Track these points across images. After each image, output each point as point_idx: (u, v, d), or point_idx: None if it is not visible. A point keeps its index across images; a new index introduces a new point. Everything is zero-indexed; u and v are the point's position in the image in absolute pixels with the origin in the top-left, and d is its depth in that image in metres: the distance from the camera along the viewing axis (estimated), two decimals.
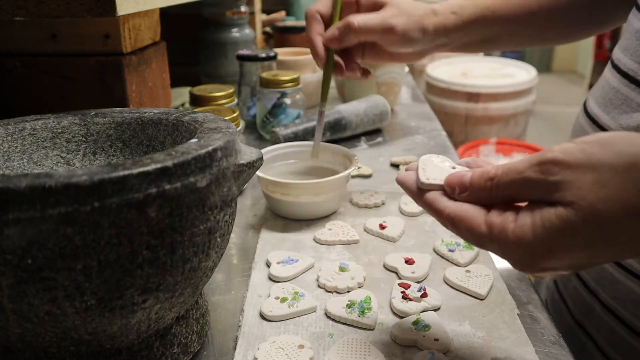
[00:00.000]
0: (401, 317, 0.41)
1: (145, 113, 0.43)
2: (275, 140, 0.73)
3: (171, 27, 0.71)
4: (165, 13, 0.65)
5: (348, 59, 0.59)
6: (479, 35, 0.60)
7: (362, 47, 0.60)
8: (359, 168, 0.70)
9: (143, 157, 0.29)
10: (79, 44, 0.54)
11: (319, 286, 0.46)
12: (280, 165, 0.64)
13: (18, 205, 0.25)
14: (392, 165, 0.72)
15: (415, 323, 0.40)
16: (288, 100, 0.78)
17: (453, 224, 0.31)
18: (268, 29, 1.30)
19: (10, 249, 0.25)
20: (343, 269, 0.47)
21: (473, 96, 2.21)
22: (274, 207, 0.58)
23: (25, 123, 0.41)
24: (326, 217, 0.58)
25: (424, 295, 0.43)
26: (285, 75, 0.77)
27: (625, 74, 0.47)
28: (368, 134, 0.84)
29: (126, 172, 0.26)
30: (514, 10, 0.58)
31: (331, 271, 0.47)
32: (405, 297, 0.43)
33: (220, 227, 0.33)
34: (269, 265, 0.48)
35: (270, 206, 0.59)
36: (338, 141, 0.79)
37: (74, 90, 0.55)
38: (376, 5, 0.57)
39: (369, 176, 0.69)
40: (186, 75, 0.98)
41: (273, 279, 0.47)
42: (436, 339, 0.38)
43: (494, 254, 0.31)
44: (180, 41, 0.82)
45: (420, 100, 1.06)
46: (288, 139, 0.73)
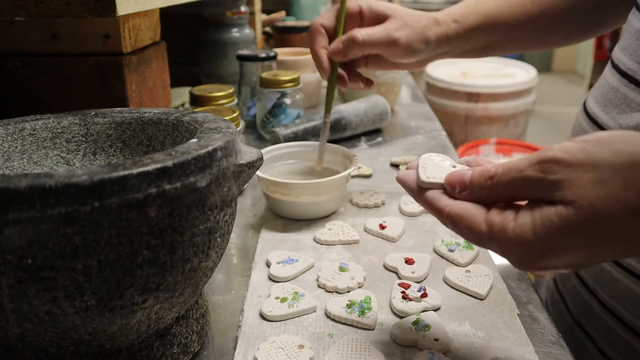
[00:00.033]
0: (401, 317, 0.41)
1: (145, 113, 0.43)
2: (275, 140, 0.73)
3: (171, 27, 0.71)
4: (165, 13, 0.65)
5: (350, 70, 0.60)
6: (482, 42, 0.60)
7: (365, 58, 0.60)
8: (359, 168, 0.70)
9: (143, 157, 0.29)
10: (79, 44, 0.54)
11: (319, 286, 0.46)
12: (280, 165, 0.64)
13: (18, 205, 0.25)
14: (392, 165, 0.72)
15: (415, 323, 0.40)
16: (288, 100, 0.78)
17: (453, 222, 0.31)
18: (268, 29, 1.30)
19: (10, 249, 0.25)
20: (343, 269, 0.47)
21: (473, 96, 2.21)
22: (274, 207, 0.58)
23: (25, 123, 0.41)
24: (326, 217, 0.58)
25: (424, 295, 0.43)
26: (285, 75, 0.77)
27: (624, 74, 0.47)
28: (368, 134, 0.84)
29: (126, 172, 0.26)
30: (515, 17, 0.58)
31: (331, 271, 0.47)
32: (405, 297, 0.43)
33: (220, 227, 0.33)
34: (269, 265, 0.48)
35: (270, 206, 0.59)
36: (338, 141, 0.79)
37: (74, 90, 0.55)
38: (379, 17, 0.57)
39: (369, 176, 0.69)
40: (186, 75, 0.98)
41: (273, 279, 0.47)
42: (436, 339, 0.38)
43: (494, 252, 0.31)
44: (180, 41, 0.82)
45: (420, 100, 1.06)
46: (288, 139, 0.73)
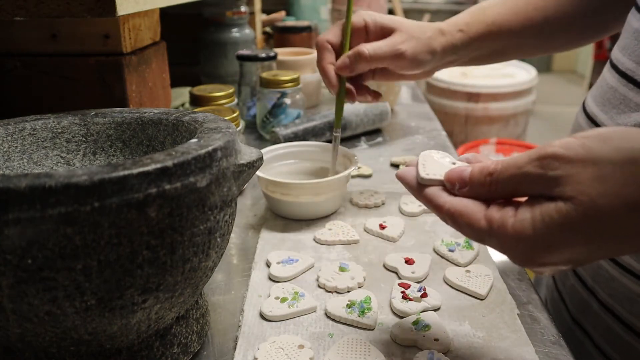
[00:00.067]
0: (401, 317, 0.41)
1: (145, 113, 0.43)
2: (275, 140, 0.73)
3: (171, 27, 0.71)
4: (165, 13, 0.65)
5: (358, 83, 0.60)
6: (487, 50, 0.60)
7: (372, 71, 0.61)
8: (359, 168, 0.70)
9: (143, 157, 0.29)
10: (79, 44, 0.54)
11: (319, 286, 0.46)
12: (280, 165, 0.64)
13: (18, 205, 0.25)
14: (392, 165, 0.72)
15: (415, 323, 0.40)
16: (288, 100, 0.78)
17: (453, 219, 0.31)
18: (268, 29, 1.30)
19: (10, 249, 0.25)
20: (343, 269, 0.47)
21: (473, 96, 2.21)
22: (274, 207, 0.58)
23: (25, 123, 0.41)
24: (326, 217, 0.58)
25: (424, 295, 0.43)
26: (285, 75, 0.77)
27: (623, 74, 0.47)
28: (368, 134, 0.84)
29: (126, 172, 0.26)
30: (520, 24, 0.59)
31: (331, 271, 0.47)
32: (405, 297, 0.43)
33: (220, 227, 0.33)
34: (269, 265, 0.48)
35: (270, 206, 0.59)
36: None
37: (74, 90, 0.55)
38: (384, 30, 0.57)
39: (369, 176, 0.69)
40: (186, 75, 0.98)
41: (273, 279, 0.47)
42: (436, 339, 0.38)
43: (494, 249, 0.31)
44: (180, 41, 0.82)
45: (420, 100, 1.06)
46: (288, 139, 0.73)
